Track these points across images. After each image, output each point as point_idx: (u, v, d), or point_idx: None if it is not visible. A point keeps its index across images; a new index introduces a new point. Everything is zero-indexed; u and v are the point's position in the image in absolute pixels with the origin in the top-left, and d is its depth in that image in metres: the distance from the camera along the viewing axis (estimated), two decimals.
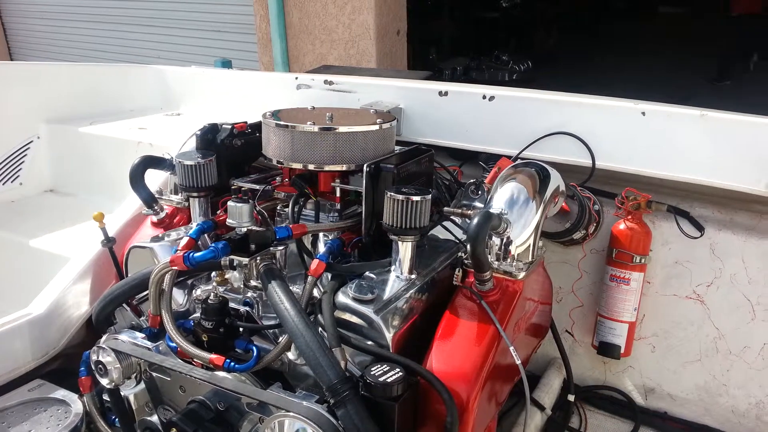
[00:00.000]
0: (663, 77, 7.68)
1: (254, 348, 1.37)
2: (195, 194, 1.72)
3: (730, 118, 1.78)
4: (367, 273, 1.44)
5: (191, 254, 1.36)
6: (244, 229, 1.39)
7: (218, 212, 1.69)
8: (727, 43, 8.60)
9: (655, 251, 1.97)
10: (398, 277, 1.43)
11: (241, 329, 1.43)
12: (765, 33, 8.51)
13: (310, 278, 1.39)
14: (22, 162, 2.77)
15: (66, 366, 1.79)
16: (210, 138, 1.79)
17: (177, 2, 7.34)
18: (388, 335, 1.32)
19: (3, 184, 2.72)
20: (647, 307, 2.04)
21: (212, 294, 1.41)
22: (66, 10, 8.53)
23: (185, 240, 1.47)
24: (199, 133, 1.79)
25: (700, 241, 1.94)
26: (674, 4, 11.97)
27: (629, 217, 1.92)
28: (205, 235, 1.54)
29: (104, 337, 1.51)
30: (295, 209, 1.57)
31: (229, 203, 1.40)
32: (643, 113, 1.85)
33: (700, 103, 1.95)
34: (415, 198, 1.37)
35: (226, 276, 1.52)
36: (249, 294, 1.50)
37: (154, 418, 1.50)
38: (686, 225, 1.94)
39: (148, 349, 1.46)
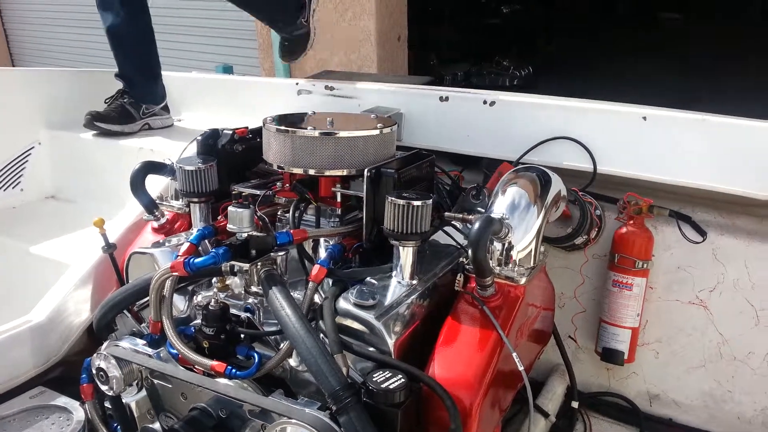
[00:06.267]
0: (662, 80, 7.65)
1: (256, 355, 1.37)
2: (196, 200, 1.71)
3: (732, 123, 1.77)
4: (368, 278, 1.44)
5: (192, 260, 1.35)
6: (245, 235, 1.38)
7: (219, 218, 1.69)
8: None
9: (657, 256, 1.96)
10: (400, 283, 1.43)
11: (242, 336, 1.42)
12: None
13: (311, 284, 1.38)
14: (23, 168, 2.77)
15: (67, 373, 1.78)
16: (211, 143, 1.79)
17: (178, 8, 7.36)
18: (390, 341, 1.31)
19: (4, 190, 2.72)
20: (650, 313, 2.03)
21: (213, 300, 1.41)
22: (68, 15, 8.55)
23: (186, 246, 1.46)
24: (200, 138, 1.79)
25: (702, 246, 1.93)
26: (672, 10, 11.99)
27: (631, 221, 1.91)
28: (206, 240, 1.54)
29: (105, 344, 1.50)
30: (296, 214, 1.56)
31: (230, 209, 1.39)
32: (645, 118, 1.84)
33: (702, 107, 1.95)
34: (416, 203, 1.36)
35: (227, 282, 1.51)
36: (250, 300, 1.49)
37: (156, 426, 1.49)
38: (688, 230, 1.93)
39: (149, 355, 1.45)
